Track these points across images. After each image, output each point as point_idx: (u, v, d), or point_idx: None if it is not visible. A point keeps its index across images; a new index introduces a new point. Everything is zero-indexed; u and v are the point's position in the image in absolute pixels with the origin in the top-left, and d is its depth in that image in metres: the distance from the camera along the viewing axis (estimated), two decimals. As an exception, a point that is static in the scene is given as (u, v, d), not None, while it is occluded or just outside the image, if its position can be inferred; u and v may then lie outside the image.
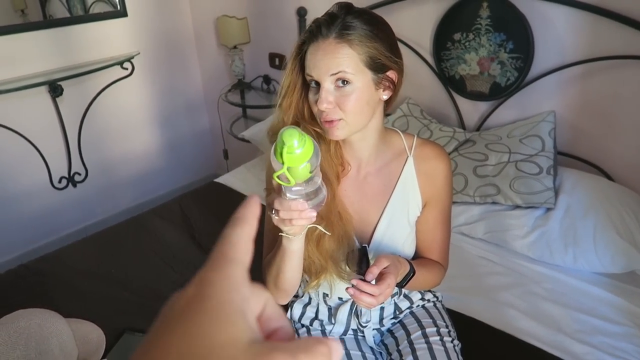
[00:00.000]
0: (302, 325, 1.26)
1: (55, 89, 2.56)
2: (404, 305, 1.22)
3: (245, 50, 2.95)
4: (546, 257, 1.65)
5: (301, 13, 2.52)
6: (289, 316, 1.28)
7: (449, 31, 2.07)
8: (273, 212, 0.79)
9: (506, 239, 1.72)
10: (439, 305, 1.28)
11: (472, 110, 2.16)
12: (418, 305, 1.25)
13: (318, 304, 1.22)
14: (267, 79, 2.95)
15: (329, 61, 0.91)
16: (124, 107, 3.00)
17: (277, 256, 0.94)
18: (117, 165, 3.06)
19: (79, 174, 2.86)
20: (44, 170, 2.70)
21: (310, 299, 1.23)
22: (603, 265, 1.58)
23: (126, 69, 2.79)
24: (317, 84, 0.94)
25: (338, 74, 0.91)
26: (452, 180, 1.13)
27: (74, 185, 2.86)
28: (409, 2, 2.14)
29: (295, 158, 0.67)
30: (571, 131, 1.92)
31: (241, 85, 2.96)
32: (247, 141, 2.61)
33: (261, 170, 2.29)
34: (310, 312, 1.24)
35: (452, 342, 1.16)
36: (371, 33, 0.92)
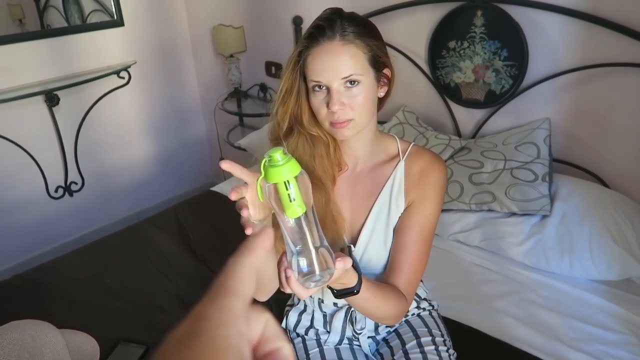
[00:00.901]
0: (298, 335, 1.25)
1: (51, 99, 2.56)
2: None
3: (242, 58, 2.97)
4: (542, 264, 1.65)
5: (297, 22, 2.53)
6: (284, 325, 1.28)
7: (443, 39, 2.08)
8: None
9: (502, 247, 1.72)
10: (434, 314, 1.27)
11: (467, 117, 2.17)
12: (413, 314, 1.25)
13: (313, 311, 1.21)
14: (263, 87, 2.96)
15: (337, 64, 0.91)
16: (121, 116, 3.00)
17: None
18: (114, 174, 3.05)
19: (76, 183, 2.86)
20: (40, 179, 2.70)
21: (305, 306, 1.23)
22: (599, 272, 1.58)
23: (123, 78, 2.80)
24: (321, 87, 0.94)
25: (350, 76, 0.92)
26: (442, 193, 1.06)
27: (71, 195, 2.86)
28: (403, 10, 2.16)
29: (275, 172, 0.64)
30: (566, 138, 1.92)
31: (238, 94, 2.97)
32: (244, 150, 2.62)
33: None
34: (306, 320, 1.23)
35: (447, 351, 1.15)
36: (369, 32, 0.95)
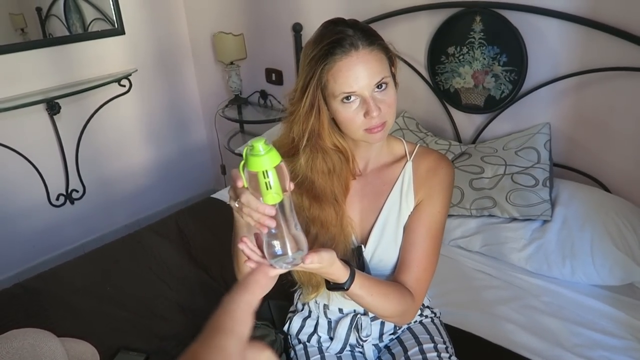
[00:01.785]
0: (299, 342, 1.25)
1: (52, 107, 2.57)
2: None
3: (242, 66, 2.98)
4: (544, 269, 1.64)
5: (297, 29, 2.54)
6: (285, 329, 1.27)
7: (443, 45, 2.08)
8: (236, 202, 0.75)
9: (503, 252, 1.72)
10: (436, 321, 1.27)
11: (467, 123, 2.17)
12: (416, 321, 1.25)
13: (318, 317, 1.21)
14: (264, 94, 2.96)
15: (369, 71, 0.92)
16: (122, 124, 3.01)
17: (234, 236, 0.93)
18: (115, 182, 3.06)
19: (77, 191, 2.87)
20: (41, 187, 2.70)
21: (310, 312, 1.23)
22: (601, 277, 1.57)
23: (124, 86, 2.81)
24: (350, 98, 0.93)
25: (382, 80, 0.93)
26: (449, 191, 1.08)
27: (72, 203, 2.86)
28: (402, 16, 2.16)
29: (256, 160, 0.68)
30: (566, 143, 1.92)
31: (238, 101, 2.98)
32: (245, 156, 2.61)
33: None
34: (310, 326, 1.23)
35: (449, 358, 1.15)
36: (376, 33, 0.97)
